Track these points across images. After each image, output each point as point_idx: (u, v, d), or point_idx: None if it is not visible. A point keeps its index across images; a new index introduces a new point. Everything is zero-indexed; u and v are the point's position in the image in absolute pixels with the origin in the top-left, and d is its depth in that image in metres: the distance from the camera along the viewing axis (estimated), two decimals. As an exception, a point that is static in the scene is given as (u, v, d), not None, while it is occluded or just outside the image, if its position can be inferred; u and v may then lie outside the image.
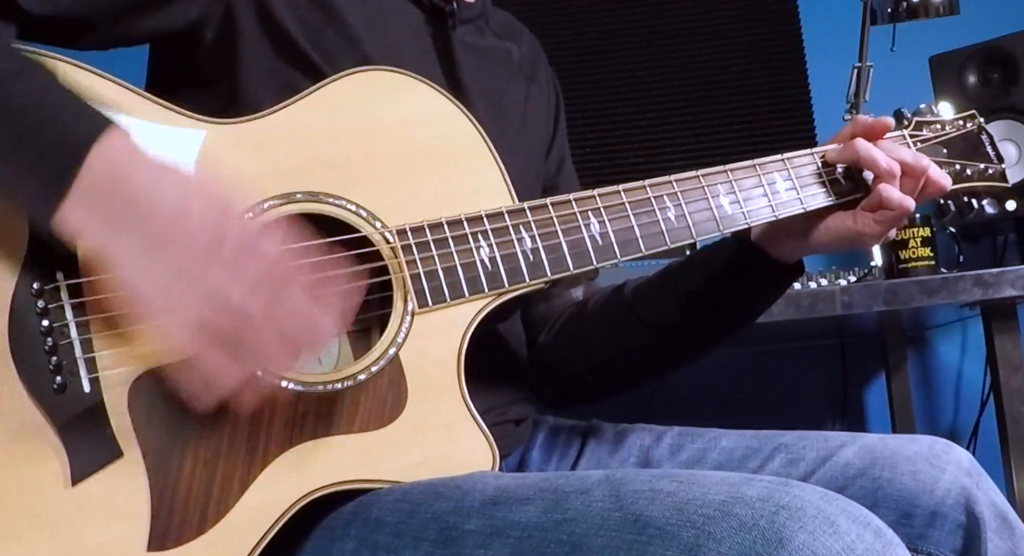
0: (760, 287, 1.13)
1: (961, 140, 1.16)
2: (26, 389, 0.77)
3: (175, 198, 0.74)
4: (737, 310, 1.16)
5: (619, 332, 1.17)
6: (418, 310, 0.89)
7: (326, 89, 0.92)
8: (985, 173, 1.16)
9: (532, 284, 0.93)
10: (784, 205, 1.04)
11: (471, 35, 1.13)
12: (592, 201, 0.97)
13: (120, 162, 0.74)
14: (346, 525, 0.84)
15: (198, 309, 0.73)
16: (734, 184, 1.03)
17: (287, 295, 0.75)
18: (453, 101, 0.97)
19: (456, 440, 0.89)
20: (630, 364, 1.19)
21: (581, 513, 0.72)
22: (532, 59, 1.24)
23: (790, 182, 1.05)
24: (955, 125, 1.16)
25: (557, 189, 1.22)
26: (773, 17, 2.22)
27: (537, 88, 1.22)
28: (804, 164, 1.07)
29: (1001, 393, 1.77)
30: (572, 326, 1.21)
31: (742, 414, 1.90)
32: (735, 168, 1.03)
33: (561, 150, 1.27)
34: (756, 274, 1.11)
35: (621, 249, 0.97)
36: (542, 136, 1.23)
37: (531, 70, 1.23)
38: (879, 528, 0.67)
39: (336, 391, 0.85)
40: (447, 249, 0.91)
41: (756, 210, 1.03)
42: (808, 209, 1.05)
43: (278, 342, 0.75)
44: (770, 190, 1.04)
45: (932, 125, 1.15)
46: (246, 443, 0.81)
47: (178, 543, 0.78)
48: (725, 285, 1.12)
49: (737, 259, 1.10)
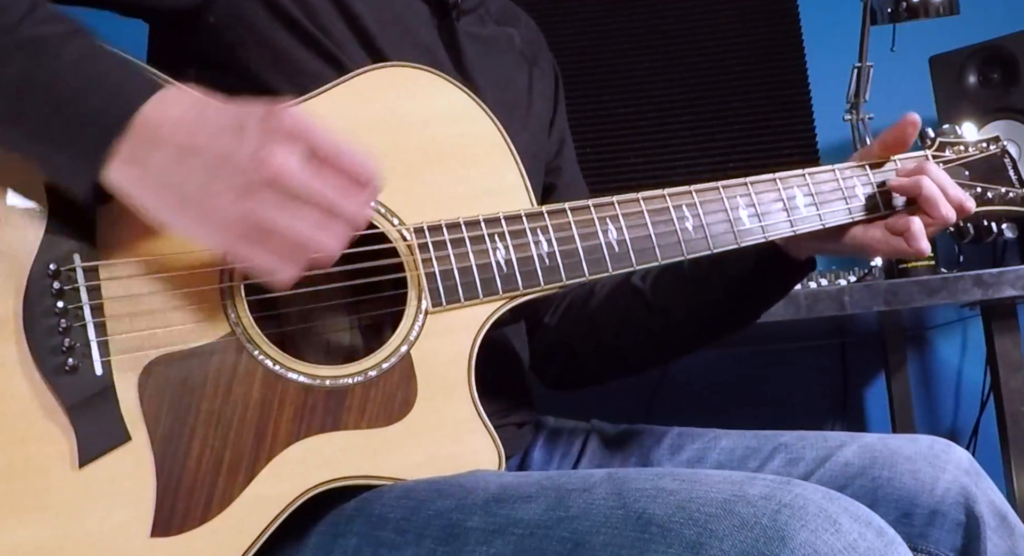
0: (771, 280, 1.14)
1: (983, 163, 1.16)
2: (38, 369, 0.77)
3: (195, 114, 0.75)
4: (746, 302, 1.16)
5: (625, 317, 1.17)
6: (431, 309, 0.89)
7: (349, 84, 0.92)
8: (1006, 197, 1.16)
9: (546, 288, 0.93)
10: (803, 220, 1.04)
11: (474, 25, 1.13)
12: (611, 208, 0.97)
13: (157, 116, 0.75)
14: (349, 521, 0.84)
15: (236, 195, 0.73)
16: (753, 197, 1.03)
17: (312, 192, 0.74)
18: (475, 99, 0.96)
19: (463, 440, 0.89)
20: (633, 349, 1.20)
21: (584, 511, 0.72)
22: (532, 42, 1.25)
23: (810, 197, 1.05)
24: (978, 147, 1.16)
25: (559, 170, 1.23)
26: (773, 17, 2.22)
27: (539, 71, 1.23)
28: (825, 180, 1.07)
29: (1001, 393, 1.77)
30: (578, 308, 1.21)
31: (742, 414, 1.90)
32: (755, 181, 1.04)
33: (561, 131, 1.27)
34: (768, 268, 1.11)
35: (637, 257, 0.97)
36: (544, 118, 1.23)
37: (532, 53, 1.23)
38: (881, 527, 0.67)
39: (346, 386, 0.85)
40: (463, 249, 0.91)
41: (775, 224, 1.03)
42: (827, 226, 1.05)
43: (323, 198, 0.75)
44: (789, 205, 1.04)
45: (955, 146, 1.15)
46: (253, 434, 0.82)
47: (181, 530, 0.79)
48: (736, 277, 1.12)
49: (749, 252, 1.10)
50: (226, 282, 0.84)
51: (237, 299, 0.84)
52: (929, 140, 1.15)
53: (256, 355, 0.83)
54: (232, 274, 0.84)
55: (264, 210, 0.73)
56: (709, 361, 2.37)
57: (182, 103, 0.76)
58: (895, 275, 1.87)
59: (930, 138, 1.15)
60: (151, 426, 0.79)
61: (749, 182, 1.03)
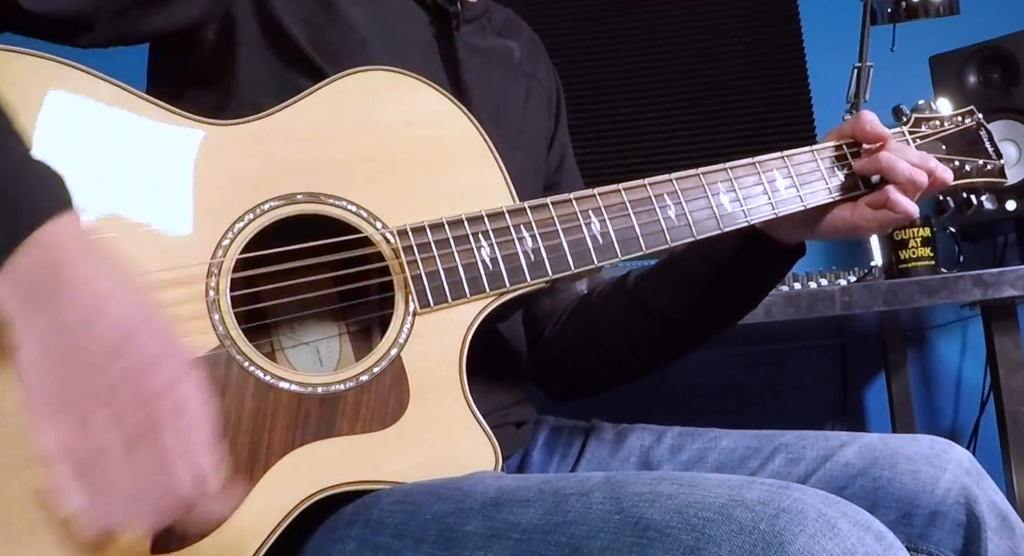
0: (762, 267, 1.14)
1: (960, 136, 1.16)
2: None
3: (97, 295, 0.69)
4: (740, 293, 1.16)
5: (624, 323, 1.17)
6: (419, 310, 0.89)
7: (326, 89, 0.92)
8: (984, 169, 1.16)
9: (533, 284, 0.93)
10: (784, 203, 1.05)
11: (474, 36, 1.13)
12: (592, 200, 0.97)
13: (61, 250, 0.69)
14: (347, 526, 0.84)
15: (70, 418, 0.67)
16: (734, 182, 1.03)
17: (159, 435, 0.67)
18: (453, 101, 0.97)
19: (458, 440, 0.89)
20: (637, 354, 1.20)
21: (581, 515, 0.72)
22: (532, 55, 1.24)
23: (790, 180, 1.06)
24: (954, 121, 1.17)
25: (559, 186, 1.22)
26: (773, 17, 2.22)
27: (537, 85, 1.22)
28: (803, 161, 1.07)
29: (1001, 393, 1.77)
30: (577, 319, 1.21)
31: (742, 414, 1.90)
32: (735, 166, 1.04)
33: (562, 146, 1.27)
34: (757, 256, 1.11)
35: (622, 248, 0.97)
36: (543, 133, 1.23)
37: (531, 67, 1.23)
38: (880, 531, 0.67)
39: (338, 392, 0.85)
40: (448, 249, 0.91)
41: (756, 208, 1.04)
42: (808, 206, 1.06)
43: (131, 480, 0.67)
44: (770, 188, 1.05)
45: (931, 121, 1.16)
46: (249, 445, 0.81)
47: (181, 546, 0.78)
48: (727, 268, 1.12)
49: (737, 243, 1.10)
50: (212, 295, 0.83)
51: (224, 311, 0.83)
52: (905, 116, 1.15)
53: (247, 366, 0.83)
54: (218, 286, 0.84)
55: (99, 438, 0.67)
56: (709, 361, 2.37)
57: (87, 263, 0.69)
58: (895, 275, 1.87)
59: (906, 115, 1.16)
60: None
61: (729, 168, 1.04)
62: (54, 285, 0.68)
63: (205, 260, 0.84)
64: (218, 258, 0.84)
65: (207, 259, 0.84)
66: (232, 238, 0.85)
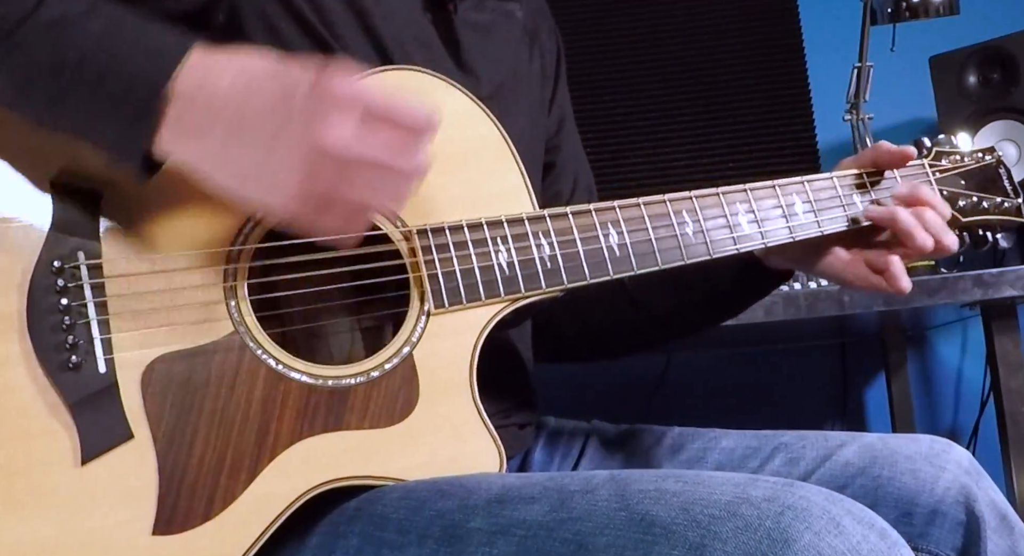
0: (750, 289, 1.17)
1: (979, 172, 1.17)
2: (41, 366, 0.77)
3: (243, 85, 0.75)
4: (723, 307, 1.20)
5: (609, 306, 1.19)
6: (434, 311, 0.89)
7: None
8: (1001, 206, 1.16)
9: (548, 291, 0.94)
10: (802, 227, 1.05)
11: (473, 10, 1.12)
12: (612, 212, 0.97)
13: (201, 80, 0.75)
14: (350, 521, 0.84)
15: (295, 169, 0.74)
16: (753, 203, 1.03)
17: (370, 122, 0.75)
18: (479, 104, 0.96)
19: (464, 441, 0.89)
20: (617, 336, 1.24)
21: (586, 512, 0.72)
22: (535, 11, 1.24)
23: (808, 205, 1.06)
24: (974, 157, 1.17)
25: (558, 148, 1.23)
26: (773, 17, 2.22)
27: (539, 48, 1.22)
28: (823, 187, 1.07)
29: (1001, 393, 1.78)
30: (568, 295, 1.22)
31: (742, 414, 1.90)
32: (755, 187, 1.04)
33: (562, 108, 1.26)
34: (748, 280, 1.13)
35: (638, 261, 0.97)
36: (544, 95, 1.22)
37: (534, 27, 1.22)
38: (884, 529, 0.67)
39: (348, 386, 0.85)
40: (466, 251, 0.91)
41: (774, 231, 1.04)
42: (825, 233, 1.06)
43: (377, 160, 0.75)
44: (788, 212, 1.05)
45: (951, 156, 1.16)
46: (256, 433, 0.82)
47: (183, 528, 0.79)
48: (717, 284, 1.14)
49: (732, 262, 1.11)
50: (230, 281, 0.84)
51: (240, 298, 0.84)
52: (925, 150, 1.15)
53: (259, 354, 0.83)
54: (236, 273, 0.84)
55: (324, 182, 0.74)
56: (709, 361, 2.38)
57: (228, 71, 0.76)
58: (895, 275, 1.87)
59: (926, 147, 1.16)
60: (154, 424, 0.79)
61: (749, 189, 1.04)
62: (208, 111, 0.75)
63: (225, 247, 0.85)
64: (238, 246, 0.85)
65: (227, 246, 0.85)
66: (253, 226, 0.86)
